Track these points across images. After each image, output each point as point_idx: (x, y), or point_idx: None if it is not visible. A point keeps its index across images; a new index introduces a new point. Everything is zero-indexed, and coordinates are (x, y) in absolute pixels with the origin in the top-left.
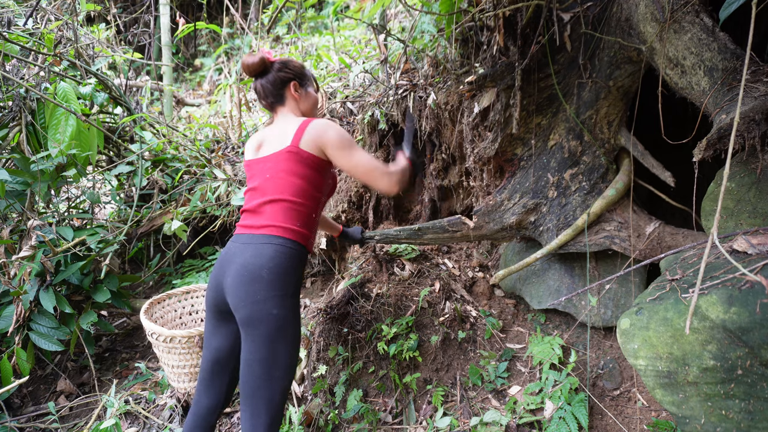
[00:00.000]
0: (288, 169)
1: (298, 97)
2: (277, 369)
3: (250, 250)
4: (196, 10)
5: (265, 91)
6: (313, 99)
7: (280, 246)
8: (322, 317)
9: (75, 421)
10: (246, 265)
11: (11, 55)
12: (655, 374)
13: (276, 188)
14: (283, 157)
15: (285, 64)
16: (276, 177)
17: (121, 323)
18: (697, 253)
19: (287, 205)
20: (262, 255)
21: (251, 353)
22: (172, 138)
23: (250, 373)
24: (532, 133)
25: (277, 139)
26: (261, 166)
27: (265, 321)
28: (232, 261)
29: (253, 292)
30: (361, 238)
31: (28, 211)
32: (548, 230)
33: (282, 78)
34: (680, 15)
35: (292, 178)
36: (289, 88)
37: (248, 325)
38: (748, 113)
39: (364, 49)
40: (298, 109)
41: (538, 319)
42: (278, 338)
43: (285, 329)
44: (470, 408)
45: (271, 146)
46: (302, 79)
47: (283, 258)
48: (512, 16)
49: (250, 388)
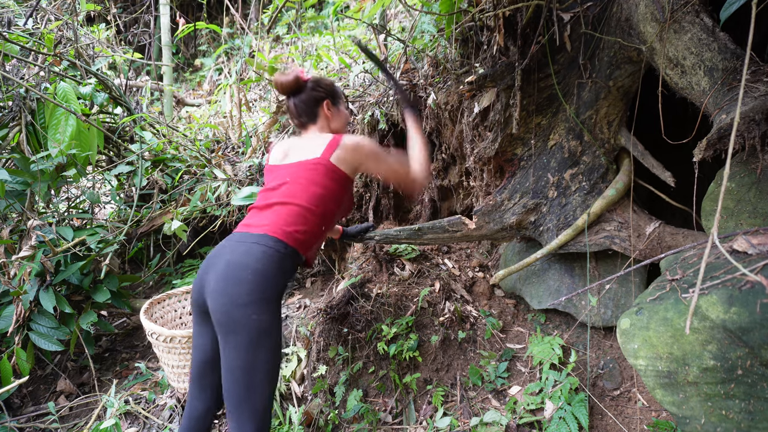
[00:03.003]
0: (310, 178)
1: (331, 116)
2: (258, 375)
3: (240, 248)
4: (196, 10)
5: (299, 110)
6: (344, 117)
7: (270, 248)
8: (322, 317)
9: (75, 421)
10: (231, 263)
11: (11, 55)
12: (655, 374)
13: (292, 193)
14: (310, 167)
15: (318, 83)
16: (295, 183)
17: (121, 323)
18: (697, 253)
19: (296, 210)
20: (249, 254)
21: (232, 360)
22: (172, 138)
23: (233, 381)
24: (532, 133)
25: (306, 150)
26: (283, 171)
27: (246, 326)
28: (220, 258)
29: (236, 295)
30: (361, 231)
31: (28, 211)
32: (548, 230)
33: (316, 97)
34: (680, 15)
35: (312, 186)
36: (322, 106)
37: (228, 331)
38: (748, 113)
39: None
40: (328, 127)
41: (538, 319)
42: (258, 345)
43: (266, 334)
44: (470, 408)
45: (298, 155)
46: (334, 97)
47: (270, 260)
48: (512, 16)
49: (234, 399)
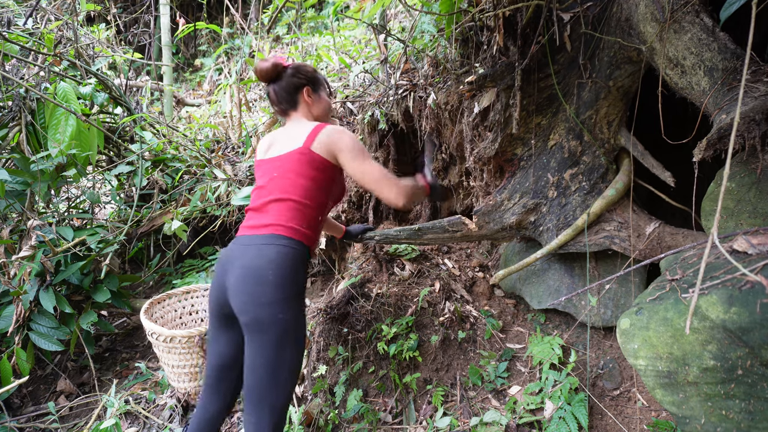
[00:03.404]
0: (296, 170)
1: (311, 102)
2: (283, 374)
3: (252, 251)
4: (196, 10)
5: (279, 96)
6: (325, 104)
7: (282, 246)
8: (322, 317)
9: (75, 421)
10: (249, 266)
11: (11, 55)
12: (655, 374)
13: (283, 188)
14: (294, 158)
15: (298, 69)
16: (284, 177)
17: (121, 323)
18: (697, 253)
19: (293, 205)
20: (264, 256)
21: (257, 358)
22: (172, 138)
23: (256, 378)
24: (532, 133)
25: (289, 141)
26: (269, 165)
27: (273, 325)
28: (234, 263)
29: (259, 295)
30: (362, 232)
31: (28, 211)
32: (548, 230)
33: (295, 83)
34: (680, 15)
35: (300, 179)
36: (302, 93)
37: (254, 330)
38: (748, 113)
39: (364, 49)
40: (310, 114)
41: (538, 319)
42: (285, 342)
43: (292, 332)
44: (470, 408)
45: (281, 147)
46: (315, 84)
47: (286, 258)
48: (512, 16)
49: (256, 395)
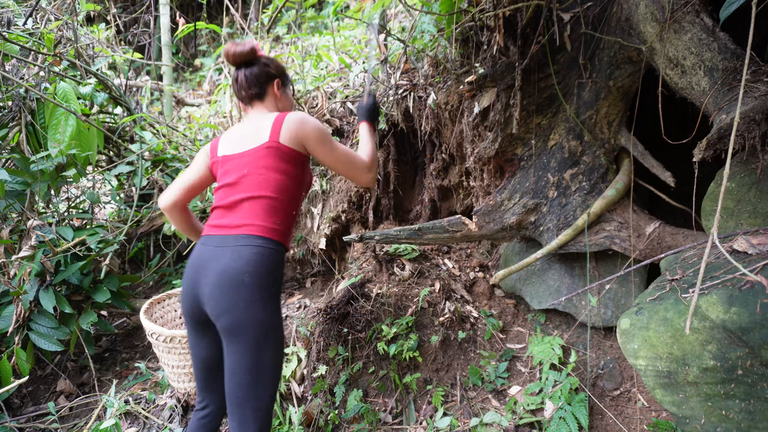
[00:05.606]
0: (268, 165)
1: (279, 96)
2: (265, 375)
3: (227, 254)
4: (196, 10)
5: (249, 81)
6: (290, 102)
7: (259, 247)
8: (322, 317)
9: (75, 421)
10: (225, 270)
11: (11, 55)
12: (655, 374)
13: (256, 185)
14: (263, 153)
15: (271, 60)
16: (255, 173)
17: (121, 323)
18: (697, 253)
19: (268, 202)
20: (241, 258)
21: (237, 362)
22: (172, 138)
23: (237, 382)
24: (532, 133)
25: (254, 135)
26: (237, 161)
27: (251, 327)
28: (207, 267)
29: (236, 299)
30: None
31: (28, 211)
32: (548, 230)
33: (268, 73)
34: (680, 15)
35: (274, 174)
36: (272, 84)
37: (232, 333)
38: (748, 113)
39: (364, 49)
40: (275, 108)
41: (538, 319)
42: (265, 343)
43: (272, 332)
44: (470, 408)
45: (247, 142)
46: (285, 79)
47: (263, 259)
48: (512, 16)
49: (238, 399)
